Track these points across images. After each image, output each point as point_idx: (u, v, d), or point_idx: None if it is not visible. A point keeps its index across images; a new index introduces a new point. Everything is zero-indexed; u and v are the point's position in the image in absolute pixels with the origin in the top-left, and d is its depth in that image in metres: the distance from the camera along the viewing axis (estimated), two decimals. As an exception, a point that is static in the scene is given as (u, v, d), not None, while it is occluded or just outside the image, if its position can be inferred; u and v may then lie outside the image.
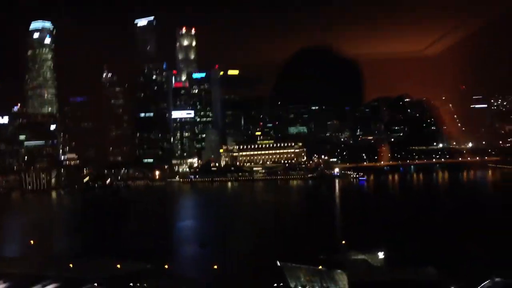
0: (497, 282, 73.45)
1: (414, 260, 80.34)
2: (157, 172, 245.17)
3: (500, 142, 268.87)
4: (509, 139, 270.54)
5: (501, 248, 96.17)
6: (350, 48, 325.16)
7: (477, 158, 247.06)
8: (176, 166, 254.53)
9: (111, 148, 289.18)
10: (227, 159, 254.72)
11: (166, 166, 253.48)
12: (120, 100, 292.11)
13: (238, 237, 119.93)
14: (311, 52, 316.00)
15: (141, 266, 78.88)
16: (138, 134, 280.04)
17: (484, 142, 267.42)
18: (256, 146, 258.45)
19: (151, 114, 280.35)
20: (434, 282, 72.60)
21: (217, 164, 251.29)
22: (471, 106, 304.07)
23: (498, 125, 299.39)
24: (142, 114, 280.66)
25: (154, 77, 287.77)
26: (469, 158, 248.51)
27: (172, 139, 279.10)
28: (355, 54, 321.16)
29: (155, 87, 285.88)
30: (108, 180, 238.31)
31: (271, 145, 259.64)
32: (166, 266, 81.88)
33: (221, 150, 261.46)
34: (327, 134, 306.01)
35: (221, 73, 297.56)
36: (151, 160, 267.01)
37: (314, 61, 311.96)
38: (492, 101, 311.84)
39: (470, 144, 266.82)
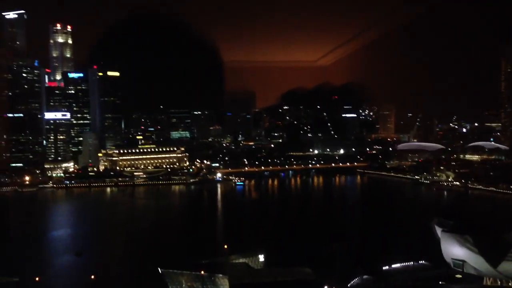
0: (366, 279, 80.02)
1: (292, 261, 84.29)
2: (27, 178, 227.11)
3: (367, 149, 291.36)
4: (374, 146, 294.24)
5: (366, 247, 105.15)
6: (242, 56, 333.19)
7: (348, 164, 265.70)
8: (50, 171, 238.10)
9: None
10: (106, 163, 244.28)
11: (37, 171, 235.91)
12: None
13: (117, 245, 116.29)
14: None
15: (6, 280, 72.95)
16: (5, 136, 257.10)
17: (353, 149, 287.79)
18: (137, 150, 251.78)
19: (21, 114, 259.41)
20: (310, 282, 76.71)
21: (95, 169, 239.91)
22: (343, 115, 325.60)
23: (365, 133, 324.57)
24: (10, 114, 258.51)
25: (24, 74, 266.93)
26: (340, 164, 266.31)
27: (44, 142, 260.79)
28: (248, 61, 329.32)
29: (25, 86, 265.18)
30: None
31: (152, 149, 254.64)
32: (37, 279, 76.71)
33: (99, 154, 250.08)
34: (209, 139, 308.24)
35: (100, 74, 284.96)
36: (20, 165, 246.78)
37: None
38: (360, 111, 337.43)
39: (341, 151, 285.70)
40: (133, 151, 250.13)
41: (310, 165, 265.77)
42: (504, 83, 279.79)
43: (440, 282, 77.65)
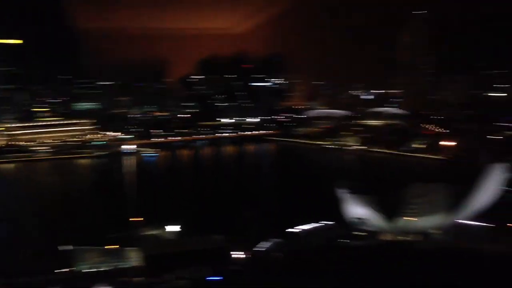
0: (274, 241, 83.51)
1: (206, 231, 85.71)
2: None
3: (278, 117, 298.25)
4: (284, 114, 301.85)
5: (276, 212, 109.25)
6: (155, 23, 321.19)
7: (259, 132, 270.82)
8: None
9: None
10: (4, 138, 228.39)
11: None
12: None
13: (19, 223, 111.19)
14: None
15: None
16: None
17: (265, 117, 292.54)
18: (39, 123, 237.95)
19: None
20: (222, 248, 78.84)
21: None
22: (255, 84, 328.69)
23: (276, 101, 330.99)
24: None
25: None
26: (252, 132, 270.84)
27: None
28: (161, 28, 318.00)
29: None
30: None
31: (56, 122, 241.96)
32: None
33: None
34: (118, 111, 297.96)
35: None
36: None
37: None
38: (273, 80, 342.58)
39: (253, 119, 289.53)
40: (35, 124, 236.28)
41: (222, 134, 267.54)
42: (404, 52, 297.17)
43: (344, 240, 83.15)
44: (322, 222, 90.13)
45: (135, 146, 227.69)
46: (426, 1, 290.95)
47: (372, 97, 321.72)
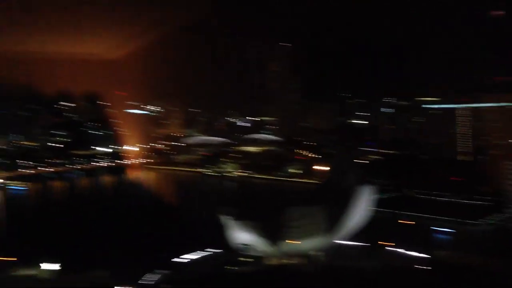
0: (160, 273, 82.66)
1: (85, 266, 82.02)
2: None
3: (156, 144, 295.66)
4: (159, 141, 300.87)
5: (157, 242, 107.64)
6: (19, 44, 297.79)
7: (137, 160, 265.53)
8: None
9: None
10: None
11: None
12: None
13: None
14: None
15: None
16: None
17: (142, 145, 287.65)
18: None
19: None
20: (104, 284, 76.21)
21: None
22: (126, 111, 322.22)
23: (152, 130, 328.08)
24: None
25: None
26: (131, 160, 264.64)
27: None
28: (33, 51, 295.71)
29: None
30: None
31: None
32: None
33: None
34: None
35: None
36: None
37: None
38: (147, 108, 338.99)
39: (131, 147, 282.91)
40: None
41: (98, 163, 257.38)
42: (273, 82, 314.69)
43: (231, 267, 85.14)
44: (208, 249, 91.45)
45: (1, 180, 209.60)
46: (292, 32, 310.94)
47: (248, 124, 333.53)
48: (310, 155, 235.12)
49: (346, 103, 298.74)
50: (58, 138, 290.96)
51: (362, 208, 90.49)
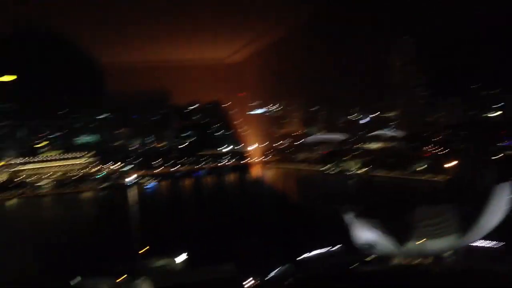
0: (284, 269, 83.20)
1: (214, 259, 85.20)
2: None
3: (275, 144, 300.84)
4: (281, 142, 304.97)
5: (282, 238, 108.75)
6: (155, 55, 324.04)
7: (260, 159, 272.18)
8: None
9: None
10: (6, 174, 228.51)
11: None
12: None
13: (25, 258, 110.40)
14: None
15: None
16: None
17: (263, 144, 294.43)
18: (41, 158, 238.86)
19: None
20: (231, 277, 78.28)
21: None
22: (248, 112, 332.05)
23: (273, 129, 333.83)
24: None
25: None
26: (254, 159, 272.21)
27: None
28: (159, 60, 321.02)
29: None
30: None
31: (58, 156, 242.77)
32: None
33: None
34: (117, 143, 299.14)
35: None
36: None
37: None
38: (268, 107, 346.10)
39: (253, 147, 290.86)
40: (37, 159, 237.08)
41: (222, 163, 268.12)
42: (395, 77, 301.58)
43: (354, 266, 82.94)
44: (330, 247, 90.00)
45: (135, 177, 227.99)
46: (418, 23, 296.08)
47: (368, 120, 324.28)
48: (437, 151, 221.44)
49: (477, 95, 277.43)
50: (186, 140, 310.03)
51: (498, 207, 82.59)
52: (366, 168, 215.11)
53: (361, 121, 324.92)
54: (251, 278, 78.63)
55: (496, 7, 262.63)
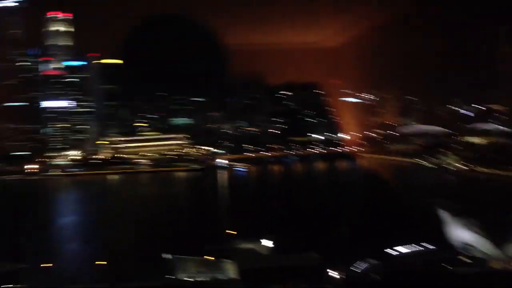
0: (371, 262, 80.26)
1: (297, 246, 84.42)
2: (31, 166, 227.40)
3: (367, 132, 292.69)
4: (373, 130, 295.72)
5: (371, 230, 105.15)
6: (249, 37, 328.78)
7: (350, 148, 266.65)
8: (52, 159, 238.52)
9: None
10: (109, 151, 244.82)
11: (40, 159, 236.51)
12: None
13: (123, 232, 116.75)
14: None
15: (13, 266, 72.93)
16: (6, 125, 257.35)
17: (357, 133, 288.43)
18: (140, 137, 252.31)
19: (20, 103, 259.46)
20: (316, 266, 77.00)
21: (99, 157, 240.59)
22: (341, 99, 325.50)
23: (367, 118, 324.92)
24: (10, 103, 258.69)
25: (23, 63, 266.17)
26: (345, 148, 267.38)
27: (46, 130, 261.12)
28: (253, 43, 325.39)
29: (24, 74, 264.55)
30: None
31: (155, 136, 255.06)
32: (45, 265, 77.04)
33: (102, 142, 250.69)
34: (211, 126, 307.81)
35: (100, 61, 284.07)
36: (22, 153, 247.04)
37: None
38: (362, 95, 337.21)
39: (346, 135, 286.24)
40: (136, 138, 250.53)
41: (312, 150, 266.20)
42: (504, 64, 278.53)
43: (447, 266, 77.92)
44: (423, 244, 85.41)
45: (227, 161, 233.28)
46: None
47: (473, 113, 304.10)
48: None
49: None
50: (277, 125, 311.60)
51: None
52: (469, 164, 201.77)
53: (464, 113, 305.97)
54: (336, 269, 76.89)
55: None
